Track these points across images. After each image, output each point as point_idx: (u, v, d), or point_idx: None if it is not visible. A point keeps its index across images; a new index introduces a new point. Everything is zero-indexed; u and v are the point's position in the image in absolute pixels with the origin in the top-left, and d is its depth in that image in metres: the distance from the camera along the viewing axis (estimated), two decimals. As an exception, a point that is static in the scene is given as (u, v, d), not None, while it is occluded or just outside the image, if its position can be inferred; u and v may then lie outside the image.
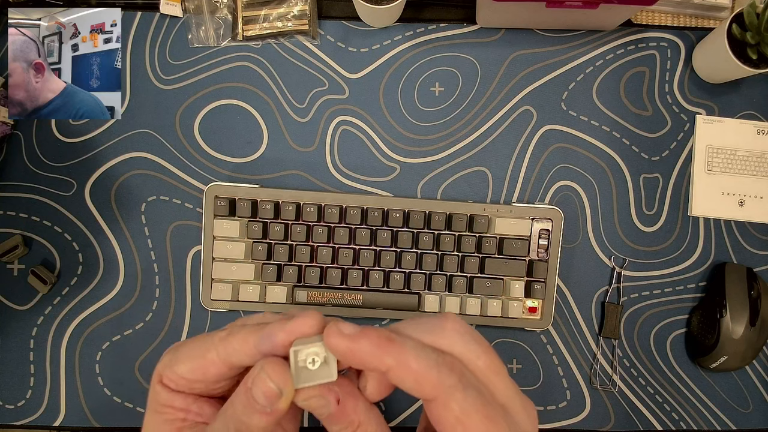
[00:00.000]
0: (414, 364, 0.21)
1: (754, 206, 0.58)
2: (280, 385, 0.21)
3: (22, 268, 0.57)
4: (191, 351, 0.24)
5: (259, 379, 0.21)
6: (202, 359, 0.24)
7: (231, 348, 0.23)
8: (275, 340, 0.22)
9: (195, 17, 0.57)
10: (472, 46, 0.59)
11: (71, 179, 0.57)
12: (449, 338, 0.23)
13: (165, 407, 0.25)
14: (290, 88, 0.58)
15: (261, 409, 0.21)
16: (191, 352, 0.24)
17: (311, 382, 0.22)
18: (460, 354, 0.23)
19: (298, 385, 0.22)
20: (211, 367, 0.24)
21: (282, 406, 0.21)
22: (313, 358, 0.22)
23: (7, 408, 0.56)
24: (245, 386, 0.22)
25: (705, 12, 0.59)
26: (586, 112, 0.58)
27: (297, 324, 0.22)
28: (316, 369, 0.22)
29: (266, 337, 0.22)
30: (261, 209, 0.54)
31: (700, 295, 0.58)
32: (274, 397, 0.21)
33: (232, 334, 0.23)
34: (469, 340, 0.23)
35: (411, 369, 0.21)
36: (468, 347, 0.23)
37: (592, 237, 0.58)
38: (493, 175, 0.58)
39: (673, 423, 0.57)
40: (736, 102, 0.59)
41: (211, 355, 0.23)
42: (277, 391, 0.21)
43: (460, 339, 0.23)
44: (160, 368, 0.25)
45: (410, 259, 0.55)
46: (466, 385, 0.21)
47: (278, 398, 0.21)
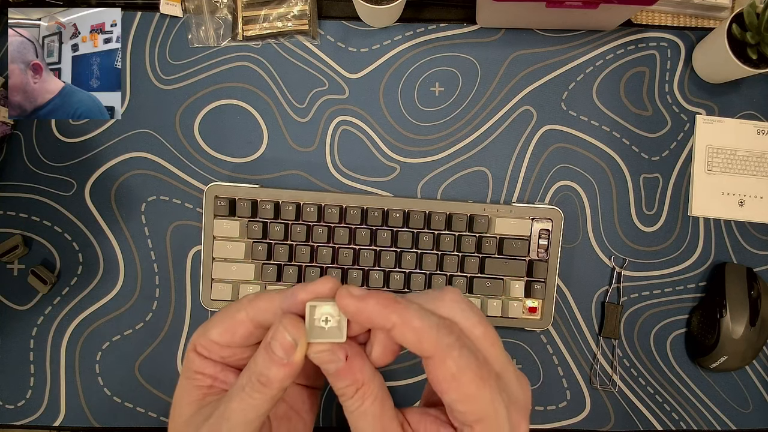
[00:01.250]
0: (416, 323, 0.23)
1: (754, 206, 0.58)
2: (295, 337, 0.24)
3: (22, 268, 0.57)
4: (222, 316, 0.27)
5: (278, 332, 0.24)
6: (232, 320, 0.26)
7: (258, 307, 0.26)
8: (296, 298, 0.25)
9: (195, 17, 0.57)
10: (472, 46, 0.59)
11: (71, 179, 0.57)
12: (449, 307, 0.25)
13: (197, 374, 0.27)
14: (290, 88, 0.58)
15: (279, 360, 0.24)
16: (222, 316, 0.27)
17: (323, 339, 0.24)
18: (459, 322, 0.25)
19: (310, 339, 0.24)
20: (239, 327, 0.26)
21: (297, 357, 0.24)
22: (327, 317, 0.24)
23: (7, 408, 0.56)
24: (265, 342, 0.24)
25: (705, 12, 0.59)
26: (586, 112, 0.58)
27: (317, 285, 0.25)
28: (328, 328, 0.24)
29: (289, 295, 0.25)
30: (261, 209, 0.54)
31: (700, 295, 0.58)
32: (290, 348, 0.24)
33: (259, 296, 0.26)
34: (466, 309, 0.25)
35: (413, 327, 0.23)
36: (465, 315, 0.25)
37: (592, 237, 0.58)
38: (493, 175, 0.58)
39: (673, 423, 0.57)
40: (736, 102, 0.59)
41: (240, 315, 0.26)
42: (292, 342, 0.24)
43: (459, 308, 0.25)
44: (194, 338, 0.27)
45: (410, 259, 0.55)
46: (462, 345, 0.23)
47: (293, 349, 0.24)
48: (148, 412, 0.56)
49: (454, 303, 0.25)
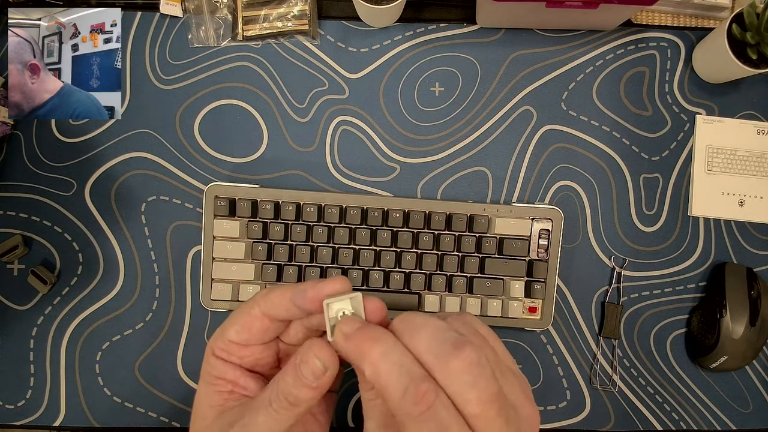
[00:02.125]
0: (383, 379, 0.22)
1: (754, 206, 0.58)
2: (326, 363, 0.24)
3: (22, 268, 0.57)
4: (237, 314, 0.28)
5: (307, 357, 0.24)
6: (248, 316, 0.27)
7: (271, 302, 0.27)
8: (306, 295, 0.25)
9: (195, 17, 0.57)
10: (472, 46, 0.59)
11: (71, 179, 0.57)
12: (452, 370, 0.22)
13: (217, 379, 0.28)
14: (290, 88, 0.58)
15: (308, 384, 0.24)
16: (237, 315, 0.28)
17: None
18: (453, 392, 0.22)
19: (331, 338, 0.25)
20: (255, 322, 0.27)
21: (326, 380, 0.24)
22: (343, 312, 0.25)
23: (7, 408, 0.56)
24: (294, 362, 0.25)
25: (705, 12, 0.59)
26: (586, 112, 0.58)
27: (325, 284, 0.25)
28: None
29: (300, 292, 0.26)
30: (261, 209, 0.54)
31: (700, 295, 0.58)
32: (320, 373, 0.24)
33: (272, 290, 0.27)
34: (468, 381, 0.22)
35: (380, 383, 0.22)
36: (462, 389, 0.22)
37: (592, 237, 0.58)
38: (493, 175, 0.58)
39: (673, 423, 0.57)
40: (736, 102, 0.59)
41: (254, 311, 0.27)
42: (322, 369, 0.24)
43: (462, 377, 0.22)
44: (212, 342, 0.28)
45: (410, 259, 0.55)
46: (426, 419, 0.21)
47: (323, 374, 0.24)
48: (148, 412, 0.56)
49: (462, 367, 0.22)
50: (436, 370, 0.22)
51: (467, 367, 0.22)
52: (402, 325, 0.24)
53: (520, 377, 0.25)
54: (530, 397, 0.25)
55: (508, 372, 0.24)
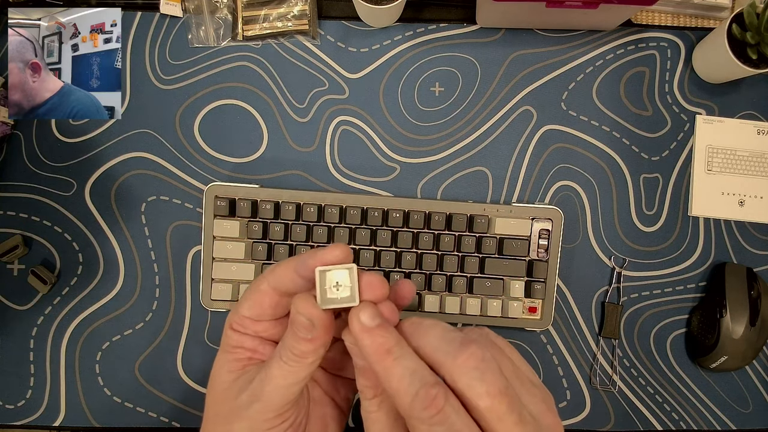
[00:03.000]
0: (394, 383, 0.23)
1: (754, 206, 0.58)
2: (309, 317, 0.25)
3: (22, 268, 0.57)
4: (248, 291, 0.29)
5: (293, 315, 0.26)
6: (257, 292, 0.28)
7: (277, 275, 0.28)
8: (307, 264, 0.26)
9: (195, 17, 0.57)
10: (472, 46, 0.59)
11: (71, 179, 0.57)
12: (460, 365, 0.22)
13: (236, 348, 0.29)
14: (290, 88, 0.58)
15: (303, 336, 0.25)
16: (248, 292, 0.29)
17: (336, 305, 0.25)
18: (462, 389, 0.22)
19: (323, 306, 0.25)
20: (264, 297, 0.28)
21: (317, 332, 0.25)
22: (337, 282, 0.25)
23: (7, 408, 0.56)
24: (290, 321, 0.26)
25: (705, 12, 0.59)
26: (586, 112, 0.58)
27: (325, 252, 0.26)
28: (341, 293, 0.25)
29: (301, 262, 0.26)
30: (261, 209, 0.54)
31: (700, 295, 0.58)
32: (309, 327, 0.25)
33: (278, 264, 0.28)
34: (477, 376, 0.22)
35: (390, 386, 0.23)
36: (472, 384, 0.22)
37: (592, 237, 0.58)
38: (493, 175, 0.58)
39: (673, 423, 0.57)
40: (736, 102, 0.59)
41: (263, 286, 0.28)
42: (308, 323, 0.25)
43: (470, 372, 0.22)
44: (229, 318, 0.29)
45: (410, 259, 0.55)
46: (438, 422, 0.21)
47: (312, 327, 0.25)
48: (148, 412, 0.56)
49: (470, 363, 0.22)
50: (444, 368, 0.23)
51: (474, 362, 0.22)
52: (411, 327, 0.25)
53: (541, 388, 0.25)
54: (553, 409, 0.24)
55: (527, 382, 0.25)
